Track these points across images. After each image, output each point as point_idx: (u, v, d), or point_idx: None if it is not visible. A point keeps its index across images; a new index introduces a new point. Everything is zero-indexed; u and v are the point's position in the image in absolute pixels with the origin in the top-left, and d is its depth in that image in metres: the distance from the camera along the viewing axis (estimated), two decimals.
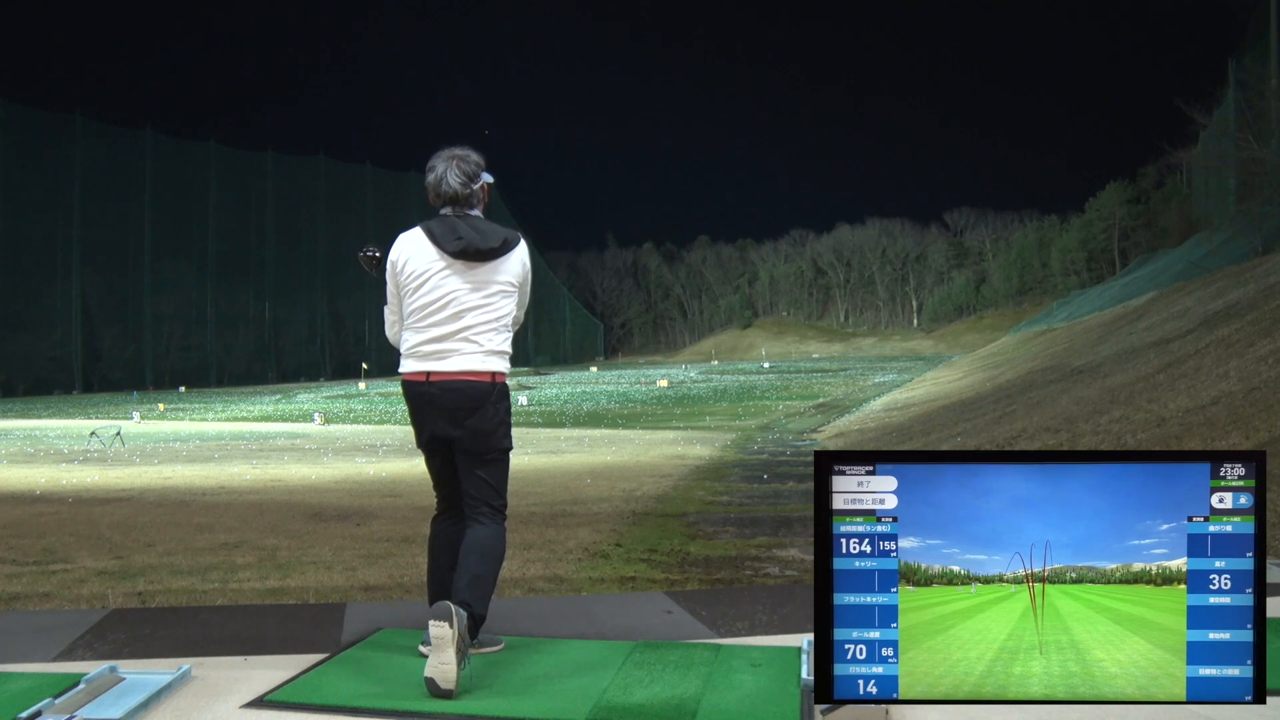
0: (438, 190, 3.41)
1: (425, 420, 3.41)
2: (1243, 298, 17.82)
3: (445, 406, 3.34)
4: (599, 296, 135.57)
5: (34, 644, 3.61)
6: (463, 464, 3.41)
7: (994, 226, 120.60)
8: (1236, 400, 9.21)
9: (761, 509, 8.55)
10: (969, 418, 16.76)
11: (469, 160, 3.42)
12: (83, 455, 16.61)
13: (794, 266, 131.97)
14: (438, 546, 3.51)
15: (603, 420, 25.38)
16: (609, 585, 5.10)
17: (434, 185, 3.41)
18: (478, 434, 3.35)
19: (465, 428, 3.34)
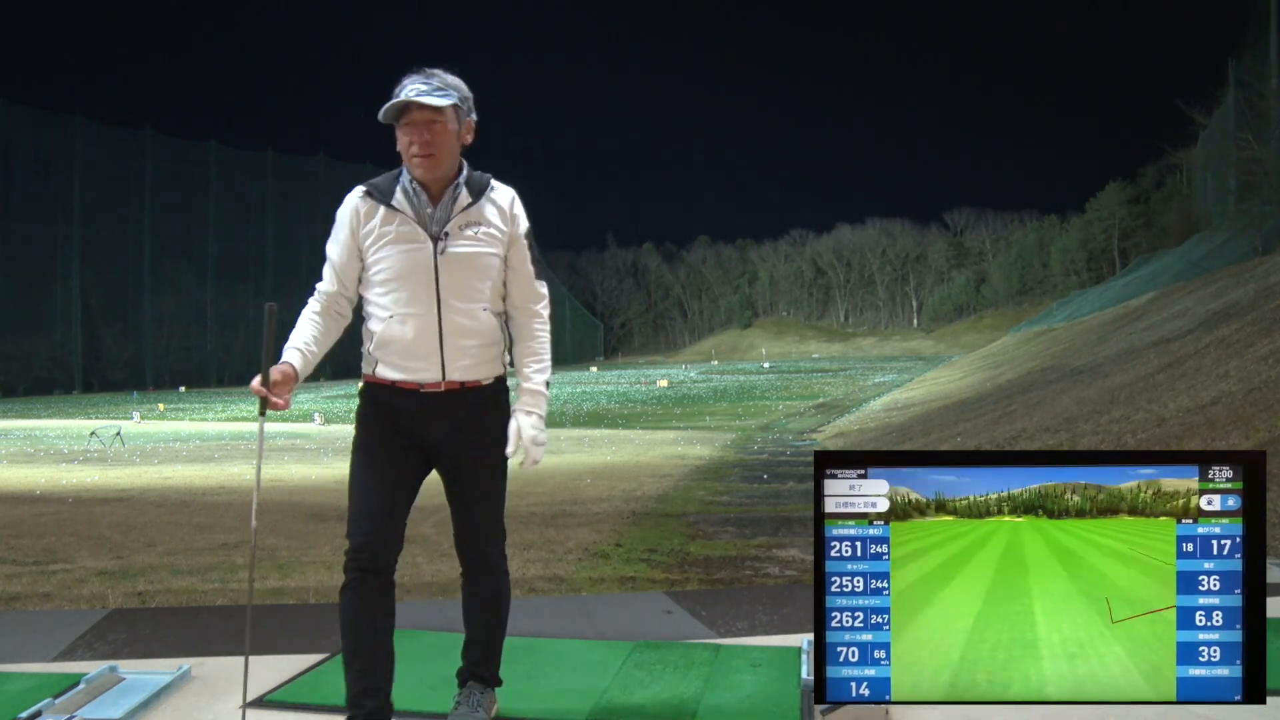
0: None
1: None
2: (1243, 298, 17.82)
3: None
4: (599, 296, 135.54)
5: (34, 644, 3.62)
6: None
7: (994, 226, 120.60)
8: (1236, 400, 9.21)
9: (761, 509, 8.56)
10: (969, 418, 16.76)
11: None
12: (83, 455, 16.62)
13: (794, 266, 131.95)
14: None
15: (603, 420, 25.39)
16: (609, 585, 5.11)
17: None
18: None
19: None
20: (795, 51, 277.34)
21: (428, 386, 2.57)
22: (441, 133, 2.51)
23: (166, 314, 72.16)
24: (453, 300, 2.55)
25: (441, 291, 2.55)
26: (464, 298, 2.56)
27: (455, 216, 2.57)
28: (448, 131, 2.52)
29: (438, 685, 3.06)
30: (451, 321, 2.55)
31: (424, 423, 2.59)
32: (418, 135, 2.50)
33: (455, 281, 2.55)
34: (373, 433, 2.61)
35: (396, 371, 2.58)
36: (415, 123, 2.50)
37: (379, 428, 2.61)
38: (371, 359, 2.62)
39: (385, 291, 2.57)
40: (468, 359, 2.58)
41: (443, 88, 2.51)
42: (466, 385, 2.60)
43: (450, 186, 2.59)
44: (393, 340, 2.56)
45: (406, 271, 2.55)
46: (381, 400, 2.61)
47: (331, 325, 2.65)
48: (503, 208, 2.65)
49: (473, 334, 2.58)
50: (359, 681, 2.51)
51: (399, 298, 2.55)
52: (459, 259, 2.56)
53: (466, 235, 2.57)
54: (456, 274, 2.55)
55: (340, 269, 2.64)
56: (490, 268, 2.60)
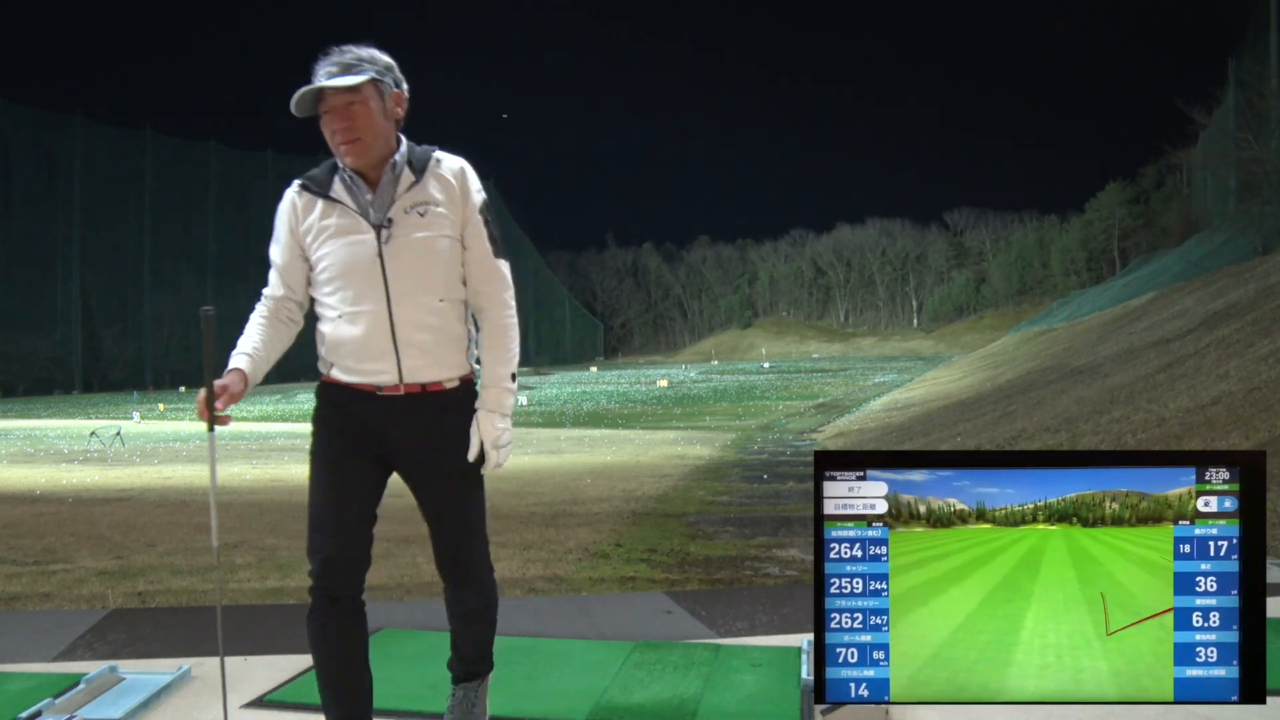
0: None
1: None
2: (1243, 298, 17.82)
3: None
4: (599, 296, 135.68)
5: (34, 644, 3.62)
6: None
7: (994, 226, 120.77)
8: (1236, 400, 9.22)
9: (761, 509, 8.56)
10: (969, 418, 16.76)
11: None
12: (83, 455, 16.62)
13: (794, 266, 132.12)
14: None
15: (603, 420, 25.40)
16: (609, 585, 5.11)
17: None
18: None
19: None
20: (795, 51, 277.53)
21: (386, 390, 2.35)
22: (363, 114, 2.29)
23: (166, 314, 72.20)
24: (404, 293, 2.32)
25: (390, 284, 2.32)
26: (416, 289, 2.33)
27: (399, 199, 2.34)
28: (370, 110, 2.29)
29: (438, 685, 3.06)
30: (404, 317, 2.32)
31: (384, 428, 2.37)
32: (337, 122, 2.29)
33: (404, 272, 2.32)
34: (330, 440, 2.41)
35: (351, 375, 2.37)
36: (333, 109, 2.29)
37: (337, 434, 2.40)
38: (326, 362, 2.42)
39: (332, 290, 2.36)
40: (426, 358, 2.35)
41: (355, 64, 2.30)
42: (429, 388, 2.37)
43: (387, 167, 2.35)
44: (343, 341, 2.35)
45: (351, 266, 2.33)
46: (339, 403, 2.40)
47: (281, 330, 2.46)
48: (451, 182, 2.38)
49: (429, 329, 2.34)
50: (334, 710, 2.40)
51: (346, 295, 2.34)
52: (406, 247, 2.32)
53: (413, 219, 2.33)
54: (405, 264, 2.32)
55: (284, 270, 2.43)
56: (443, 252, 2.35)
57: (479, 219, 2.40)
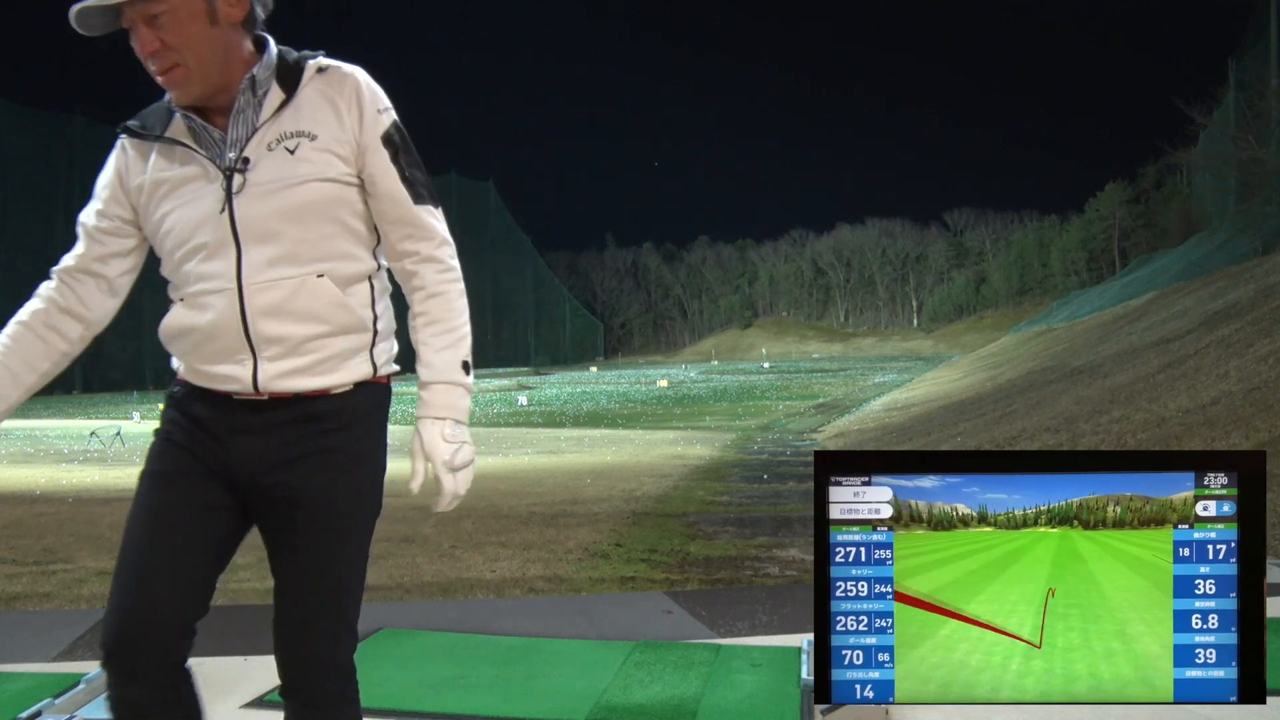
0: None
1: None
2: (1243, 298, 17.83)
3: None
4: (599, 296, 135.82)
5: (34, 644, 3.62)
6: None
7: (994, 226, 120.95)
8: (1236, 400, 9.22)
9: (761, 509, 8.56)
10: (969, 418, 16.77)
11: None
12: (83, 455, 16.63)
13: (794, 266, 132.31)
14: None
15: (603, 420, 25.40)
16: (609, 585, 5.11)
17: None
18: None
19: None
20: (795, 51, 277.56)
21: (241, 394, 1.66)
22: (173, 24, 1.57)
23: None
24: (263, 261, 1.62)
25: (245, 252, 1.62)
26: (283, 256, 1.62)
27: (260, 129, 1.64)
28: (187, 17, 1.58)
29: (438, 685, 3.06)
30: (261, 296, 1.62)
31: (233, 444, 1.67)
32: (145, 44, 1.59)
33: (263, 231, 1.61)
34: (169, 456, 1.71)
35: (199, 379, 1.71)
36: (135, 27, 1.59)
37: (178, 448, 1.71)
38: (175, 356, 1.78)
39: (175, 266, 1.70)
40: (297, 355, 1.64)
41: None
42: (303, 395, 1.66)
43: (242, 87, 1.64)
44: (180, 333, 1.71)
45: (193, 230, 1.64)
46: (186, 408, 1.73)
47: (33, 345, 1.82)
48: (338, 99, 1.67)
49: (302, 314, 1.63)
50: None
51: (189, 270, 1.66)
52: (266, 197, 1.61)
53: (278, 157, 1.62)
54: (265, 219, 1.61)
55: (93, 232, 1.79)
56: (326, 201, 1.64)
57: (385, 153, 1.68)
